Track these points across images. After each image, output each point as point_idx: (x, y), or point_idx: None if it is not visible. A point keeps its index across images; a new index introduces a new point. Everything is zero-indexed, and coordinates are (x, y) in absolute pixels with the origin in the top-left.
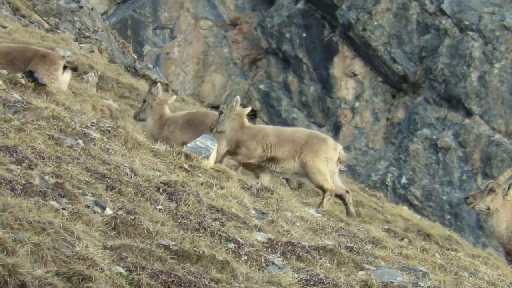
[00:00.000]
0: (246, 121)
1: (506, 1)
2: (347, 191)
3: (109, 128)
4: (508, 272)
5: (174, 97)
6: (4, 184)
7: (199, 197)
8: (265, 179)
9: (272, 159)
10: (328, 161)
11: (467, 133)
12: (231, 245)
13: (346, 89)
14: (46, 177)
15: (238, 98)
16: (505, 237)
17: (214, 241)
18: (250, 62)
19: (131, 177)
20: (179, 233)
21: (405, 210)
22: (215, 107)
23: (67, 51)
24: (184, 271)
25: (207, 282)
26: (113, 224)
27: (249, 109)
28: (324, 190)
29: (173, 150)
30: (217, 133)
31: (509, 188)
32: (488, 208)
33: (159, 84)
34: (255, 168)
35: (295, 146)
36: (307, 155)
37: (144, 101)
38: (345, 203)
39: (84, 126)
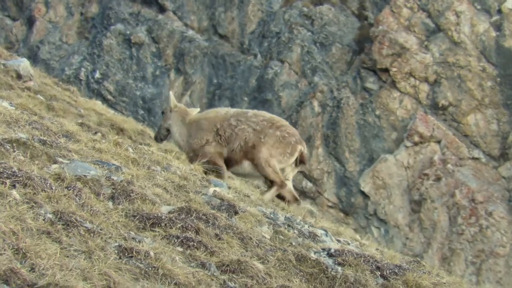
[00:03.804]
0: None
1: None
2: None
3: None
4: (199, 167)
5: None
6: None
7: None
8: None
9: None
10: None
11: (161, 29)
12: None
13: None
14: None
15: None
16: (184, 146)
17: None
18: None
19: None
20: None
21: (98, 104)
22: None
23: None
24: None
25: None
26: None
27: None
28: None
29: None
30: None
31: (170, 101)
32: (167, 130)
33: None
34: None
35: None
36: None
37: None
38: None
39: None
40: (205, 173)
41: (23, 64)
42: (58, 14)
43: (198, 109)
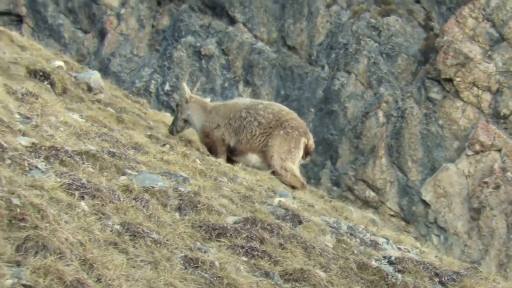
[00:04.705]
0: None
1: None
2: None
3: None
4: (265, 178)
5: None
6: None
7: None
8: None
9: None
10: None
11: (230, 40)
12: None
13: None
14: None
15: None
16: (199, 130)
17: None
18: None
19: None
20: None
21: (167, 116)
22: None
23: None
24: None
25: None
26: None
27: None
28: None
29: None
30: None
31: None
32: (185, 120)
33: None
34: None
35: None
36: None
37: None
38: None
39: None
40: (230, 161)
41: (94, 76)
42: (129, 27)
43: (209, 99)
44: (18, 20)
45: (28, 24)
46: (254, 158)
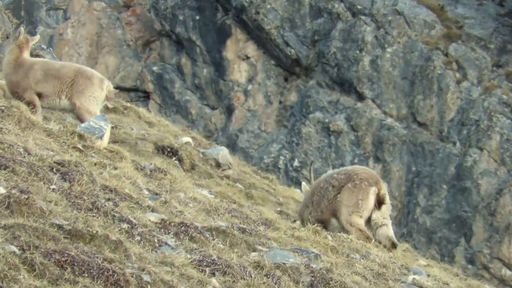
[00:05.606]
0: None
1: None
2: None
3: (3, 108)
4: (399, 255)
5: (38, 37)
6: None
7: (93, 177)
8: None
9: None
10: (98, 100)
11: (359, 116)
12: (124, 225)
13: (239, 72)
14: None
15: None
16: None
17: (107, 221)
18: (143, 44)
19: (24, 157)
20: (72, 212)
21: (297, 192)
22: None
23: None
24: (78, 251)
25: (100, 262)
26: (6, 203)
27: (36, 38)
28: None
29: (67, 130)
30: None
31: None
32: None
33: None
34: None
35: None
36: (74, 94)
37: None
38: None
39: None
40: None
41: (222, 152)
42: (257, 103)
43: None
44: (145, 96)
45: (155, 100)
46: (334, 222)
